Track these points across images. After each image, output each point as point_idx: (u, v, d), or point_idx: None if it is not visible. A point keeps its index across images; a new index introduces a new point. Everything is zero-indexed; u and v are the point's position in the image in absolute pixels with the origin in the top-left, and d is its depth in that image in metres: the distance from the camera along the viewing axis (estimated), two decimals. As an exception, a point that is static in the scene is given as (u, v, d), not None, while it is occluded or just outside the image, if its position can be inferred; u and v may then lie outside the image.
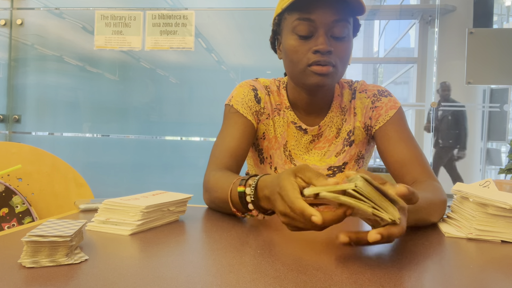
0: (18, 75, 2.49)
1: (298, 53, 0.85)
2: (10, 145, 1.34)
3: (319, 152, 0.98)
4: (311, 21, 0.83)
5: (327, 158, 0.98)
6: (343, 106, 0.99)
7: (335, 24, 0.83)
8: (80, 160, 2.47)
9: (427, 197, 0.74)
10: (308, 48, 0.84)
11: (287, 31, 0.87)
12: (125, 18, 2.35)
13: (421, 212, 0.70)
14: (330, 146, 0.98)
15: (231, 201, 0.75)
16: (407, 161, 0.88)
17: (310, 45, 0.84)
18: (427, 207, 0.73)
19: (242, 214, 0.76)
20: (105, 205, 0.68)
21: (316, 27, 0.83)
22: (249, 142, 0.96)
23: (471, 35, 2.73)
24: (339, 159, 0.97)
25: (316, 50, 0.83)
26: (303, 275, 0.47)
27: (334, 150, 0.98)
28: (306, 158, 0.98)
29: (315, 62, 0.84)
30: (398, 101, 0.96)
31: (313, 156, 0.98)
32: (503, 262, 0.56)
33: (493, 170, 4.27)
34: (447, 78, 3.47)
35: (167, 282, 0.44)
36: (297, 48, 0.85)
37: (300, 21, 0.84)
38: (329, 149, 0.98)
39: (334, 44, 0.84)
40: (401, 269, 0.51)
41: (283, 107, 1.00)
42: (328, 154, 0.98)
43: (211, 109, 2.39)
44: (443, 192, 0.82)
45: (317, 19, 0.82)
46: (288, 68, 0.91)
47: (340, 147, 0.98)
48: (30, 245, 0.49)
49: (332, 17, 0.82)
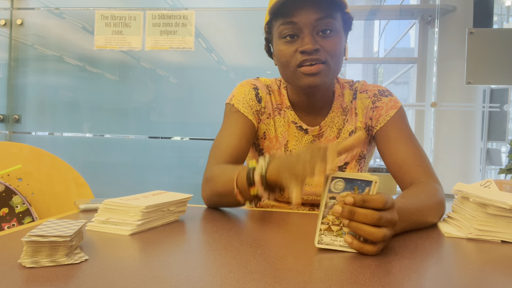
0: (18, 75, 2.49)
1: (286, 56, 0.87)
2: (10, 145, 1.34)
3: None
4: (294, 23, 0.85)
5: None
6: (344, 107, 0.99)
7: (318, 22, 0.84)
8: (80, 160, 2.48)
9: (420, 200, 0.74)
10: (295, 50, 0.86)
11: (276, 37, 0.90)
12: (125, 18, 2.35)
13: (414, 215, 0.71)
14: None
15: (237, 183, 0.75)
16: (406, 162, 0.88)
17: (296, 46, 0.86)
18: (421, 209, 0.73)
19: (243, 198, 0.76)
20: (105, 205, 0.68)
21: (301, 28, 0.85)
22: (249, 141, 0.96)
23: (471, 35, 2.73)
24: (341, 159, 0.97)
25: (302, 50, 0.85)
26: (303, 275, 0.47)
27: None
28: None
29: (303, 62, 0.85)
30: (399, 101, 0.96)
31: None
32: (503, 262, 0.56)
33: (493, 170, 4.27)
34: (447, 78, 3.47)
35: (167, 282, 0.44)
36: (284, 52, 0.87)
37: (284, 25, 0.86)
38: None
39: (321, 41, 0.85)
40: (401, 269, 0.51)
41: (284, 106, 1.00)
42: None
43: (211, 109, 2.39)
44: (440, 193, 0.82)
45: (300, 21, 0.84)
46: (281, 73, 0.93)
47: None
48: (30, 245, 0.49)
49: (315, 16, 0.84)
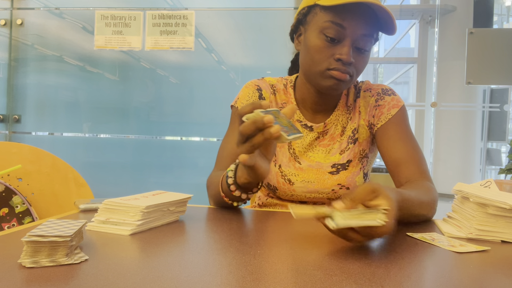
0: (18, 75, 2.49)
1: (321, 55, 0.87)
2: (10, 145, 1.34)
3: (323, 149, 0.99)
4: (343, 27, 0.84)
5: (332, 156, 0.98)
6: (349, 105, 1.01)
7: (361, 37, 0.85)
8: (80, 160, 2.47)
9: (420, 195, 0.77)
10: (332, 54, 0.86)
11: (315, 27, 0.88)
12: (125, 18, 2.35)
13: (413, 208, 0.73)
14: (335, 144, 0.99)
15: (221, 187, 0.81)
16: (403, 160, 0.90)
17: (334, 51, 0.86)
18: (421, 204, 0.76)
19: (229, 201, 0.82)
20: (105, 205, 0.68)
21: (345, 35, 0.84)
22: None
23: (471, 35, 2.73)
24: (343, 157, 0.98)
25: (339, 58, 0.85)
26: (303, 275, 0.47)
27: (338, 148, 0.98)
28: (311, 155, 0.99)
29: (335, 69, 0.86)
30: (402, 100, 0.97)
31: (317, 153, 0.99)
32: (503, 262, 0.56)
33: (493, 170, 4.27)
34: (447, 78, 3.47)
35: (167, 282, 0.44)
36: (321, 50, 0.86)
37: (331, 24, 0.84)
38: (334, 146, 0.99)
39: (356, 56, 0.86)
40: (401, 269, 0.51)
41: None
42: (332, 152, 0.98)
43: (211, 109, 2.39)
44: (434, 191, 0.84)
45: (348, 28, 0.84)
46: (306, 65, 0.91)
47: (345, 144, 0.98)
48: (30, 245, 0.48)
49: (362, 31, 0.84)
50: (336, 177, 0.96)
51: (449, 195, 0.85)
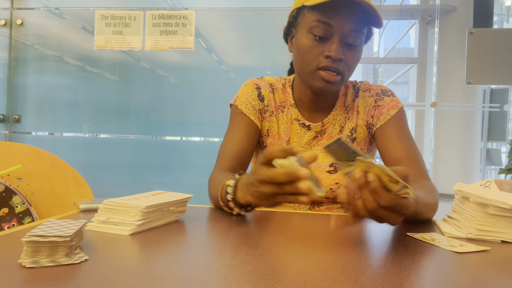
0: (18, 75, 2.49)
1: (311, 54, 0.87)
2: (10, 145, 1.34)
3: (321, 148, 0.99)
4: (330, 25, 0.84)
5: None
6: (347, 105, 1.01)
7: (350, 33, 0.85)
8: (80, 160, 2.47)
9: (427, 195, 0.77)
10: (321, 52, 0.86)
11: (304, 28, 0.89)
12: (125, 18, 2.34)
13: (423, 206, 0.73)
14: None
15: (221, 196, 0.79)
16: (403, 160, 0.91)
17: (323, 48, 0.86)
18: (427, 204, 0.76)
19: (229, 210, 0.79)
20: (105, 205, 0.68)
21: (333, 33, 0.85)
22: (253, 143, 0.98)
23: (471, 35, 2.73)
24: None
25: (328, 55, 0.85)
26: (303, 275, 0.47)
27: None
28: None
29: (325, 67, 0.86)
30: (401, 101, 0.98)
31: (315, 152, 0.99)
32: (503, 262, 0.56)
33: (493, 170, 4.27)
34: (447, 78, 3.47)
35: (167, 282, 0.44)
36: (310, 49, 0.87)
37: (318, 23, 0.85)
38: None
39: (346, 52, 0.86)
40: (401, 269, 0.51)
41: (288, 104, 1.01)
42: None
43: (211, 109, 2.39)
44: (436, 191, 0.85)
45: (335, 25, 0.84)
46: (298, 65, 0.92)
47: None
48: (30, 245, 0.48)
49: (350, 27, 0.84)
50: (334, 176, 0.96)
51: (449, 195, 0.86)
